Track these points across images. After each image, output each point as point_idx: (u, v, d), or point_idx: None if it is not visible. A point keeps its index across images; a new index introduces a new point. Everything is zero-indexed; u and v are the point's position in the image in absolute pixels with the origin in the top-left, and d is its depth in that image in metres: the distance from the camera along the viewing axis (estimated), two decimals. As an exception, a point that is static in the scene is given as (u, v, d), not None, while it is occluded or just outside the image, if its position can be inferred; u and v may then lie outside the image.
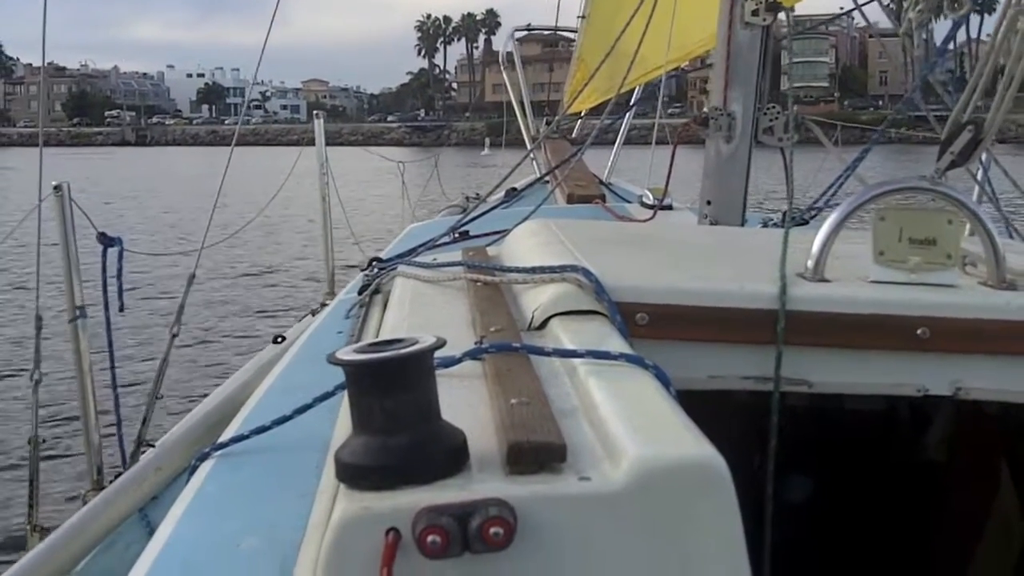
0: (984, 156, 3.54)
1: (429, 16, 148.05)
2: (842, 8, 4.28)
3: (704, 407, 1.62)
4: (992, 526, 2.71)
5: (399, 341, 1.19)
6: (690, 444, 1.19)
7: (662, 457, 1.15)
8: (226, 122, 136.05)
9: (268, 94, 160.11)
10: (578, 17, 8.23)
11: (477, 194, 6.31)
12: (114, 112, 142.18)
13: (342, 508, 1.10)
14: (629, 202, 5.35)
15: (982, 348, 1.94)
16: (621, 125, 7.70)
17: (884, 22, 4.15)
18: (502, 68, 8.95)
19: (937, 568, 2.83)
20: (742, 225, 3.75)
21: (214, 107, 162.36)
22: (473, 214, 3.93)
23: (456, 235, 3.61)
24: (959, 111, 2.54)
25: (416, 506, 1.07)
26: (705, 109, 3.72)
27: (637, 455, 1.14)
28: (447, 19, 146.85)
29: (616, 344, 1.62)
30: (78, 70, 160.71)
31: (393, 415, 1.14)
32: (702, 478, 1.14)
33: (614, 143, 7.75)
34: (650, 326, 1.90)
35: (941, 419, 2.81)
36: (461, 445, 1.17)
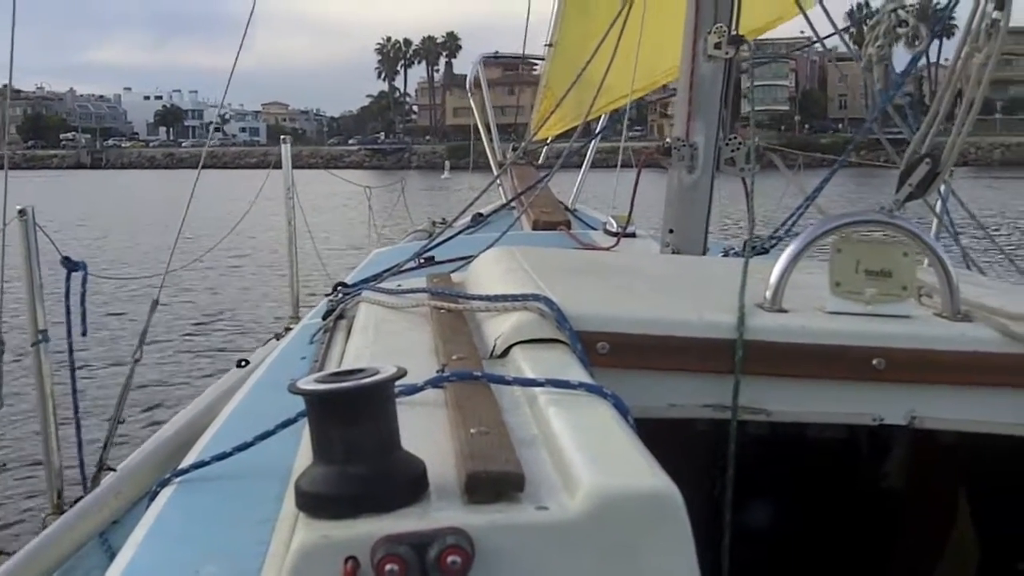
0: (943, 188, 3.63)
1: (389, 39, 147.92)
2: (802, 32, 4.36)
3: (664, 435, 1.65)
4: (949, 554, 2.74)
5: (361, 371, 1.21)
6: (645, 474, 1.22)
7: (618, 487, 1.17)
8: (183, 145, 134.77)
9: (227, 116, 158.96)
10: (545, 45, 8.30)
11: (443, 219, 6.34)
12: (69, 135, 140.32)
13: (301, 536, 1.12)
14: (594, 228, 5.39)
15: (936, 379, 1.99)
16: (586, 152, 7.78)
17: (843, 46, 4.24)
18: (469, 94, 8.99)
19: None
20: (704, 254, 3.79)
21: (172, 129, 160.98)
22: (438, 240, 3.95)
23: (421, 260, 3.62)
24: (917, 143, 2.60)
25: (375, 535, 1.09)
26: (668, 139, 3.78)
27: (593, 485, 1.17)
28: (407, 42, 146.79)
29: (576, 373, 1.65)
30: (33, 92, 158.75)
31: (353, 444, 1.16)
32: (657, 508, 1.17)
33: (579, 168, 7.81)
34: (611, 355, 1.93)
35: (899, 448, 2.85)
36: (420, 474, 1.20)
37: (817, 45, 4.61)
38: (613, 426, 1.41)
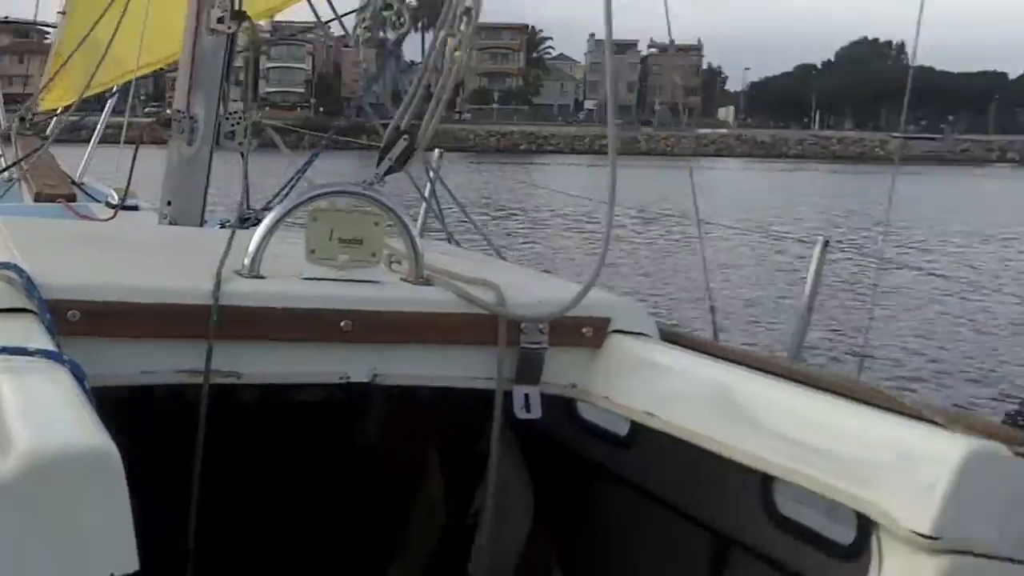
0: (431, 172, 3.92)
1: None
2: (318, 17, 4.45)
3: (136, 402, 1.66)
4: (419, 510, 2.95)
5: None
6: (82, 434, 1.24)
7: (51, 447, 1.19)
8: None
9: None
10: (58, 12, 7.88)
11: None
12: None
13: None
14: (100, 202, 5.23)
15: (397, 338, 2.17)
16: (97, 124, 7.48)
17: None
18: None
19: (364, 552, 3.02)
20: (201, 226, 3.80)
21: None
22: None
23: None
24: (397, 120, 2.81)
25: None
26: (168, 111, 3.76)
27: (27, 446, 1.18)
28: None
29: (38, 342, 1.63)
30: None
31: None
32: (91, 466, 1.20)
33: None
34: (82, 323, 1.90)
35: (375, 407, 3.04)
36: None
37: (334, 30, 4.74)
38: (63, 391, 1.42)
